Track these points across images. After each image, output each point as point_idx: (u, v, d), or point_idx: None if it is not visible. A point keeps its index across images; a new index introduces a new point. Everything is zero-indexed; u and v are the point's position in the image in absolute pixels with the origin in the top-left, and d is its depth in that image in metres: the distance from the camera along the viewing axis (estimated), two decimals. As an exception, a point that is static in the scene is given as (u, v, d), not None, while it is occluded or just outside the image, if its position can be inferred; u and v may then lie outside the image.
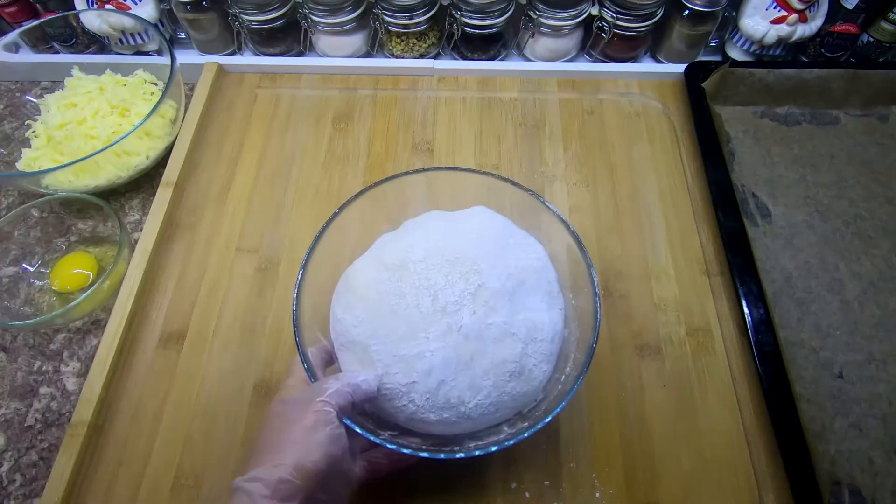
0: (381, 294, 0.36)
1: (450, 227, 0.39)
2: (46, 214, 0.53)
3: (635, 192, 0.54)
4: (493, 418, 0.36)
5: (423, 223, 0.40)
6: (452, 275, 0.36)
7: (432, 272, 0.36)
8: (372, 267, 0.38)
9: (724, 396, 0.44)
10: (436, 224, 0.40)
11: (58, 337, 0.48)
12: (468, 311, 0.35)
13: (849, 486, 0.39)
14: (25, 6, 0.65)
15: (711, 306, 0.48)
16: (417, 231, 0.40)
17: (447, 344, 0.34)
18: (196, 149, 0.58)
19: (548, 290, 0.38)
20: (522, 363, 0.35)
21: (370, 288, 0.36)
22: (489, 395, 0.34)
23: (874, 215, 0.52)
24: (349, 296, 0.37)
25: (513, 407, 0.36)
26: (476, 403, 0.34)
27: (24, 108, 0.61)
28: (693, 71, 0.60)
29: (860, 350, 0.45)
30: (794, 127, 0.59)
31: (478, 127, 0.59)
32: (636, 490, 0.40)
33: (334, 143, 0.58)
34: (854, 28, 0.61)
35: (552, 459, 0.41)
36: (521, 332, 0.35)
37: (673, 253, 0.51)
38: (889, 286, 0.48)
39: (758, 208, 0.53)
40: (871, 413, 0.42)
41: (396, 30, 0.63)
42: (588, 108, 0.61)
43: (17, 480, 0.42)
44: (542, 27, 0.62)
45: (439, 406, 0.34)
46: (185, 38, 0.68)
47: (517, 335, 0.35)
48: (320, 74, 0.64)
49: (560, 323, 0.38)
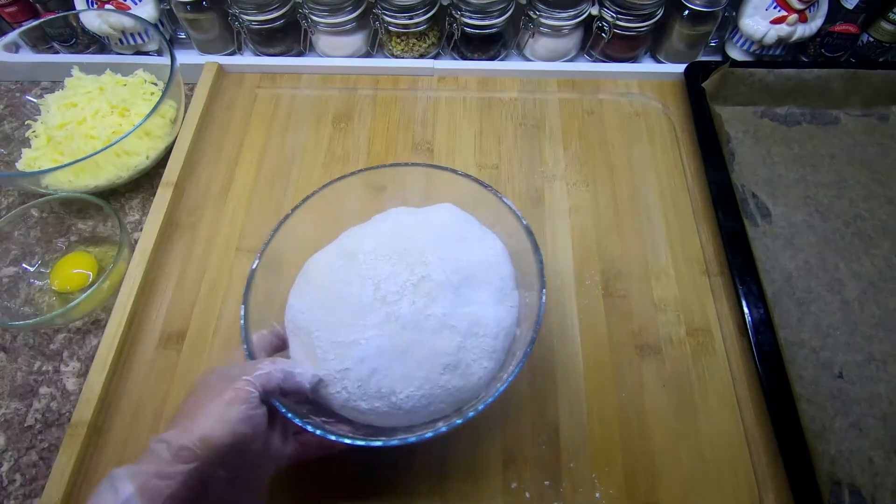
0: (330, 282, 0.36)
1: (409, 221, 0.40)
2: (46, 214, 0.53)
3: (635, 192, 0.54)
4: (427, 412, 0.35)
5: (387, 217, 0.41)
6: (398, 265, 0.36)
7: (379, 262, 0.36)
8: (329, 256, 0.39)
9: (724, 396, 0.44)
10: (396, 218, 0.41)
11: (58, 337, 0.48)
12: (408, 301, 0.34)
13: (849, 485, 0.39)
14: (25, 6, 0.65)
15: (711, 306, 0.48)
16: (378, 224, 0.40)
17: (383, 332, 0.34)
18: (196, 149, 0.58)
19: (499, 287, 0.38)
20: (459, 357, 0.34)
21: (322, 276, 0.37)
22: (421, 387, 0.34)
23: (874, 215, 0.52)
24: (304, 283, 0.38)
25: (448, 402, 0.35)
26: (407, 395, 0.34)
27: (24, 108, 0.61)
28: (693, 71, 0.60)
29: (860, 350, 0.45)
30: (794, 127, 0.59)
31: (478, 127, 0.59)
32: (636, 490, 0.40)
33: (334, 143, 0.58)
34: (854, 28, 0.61)
35: (552, 459, 0.41)
36: (462, 326, 0.35)
37: (673, 253, 0.51)
38: (889, 286, 0.48)
39: (758, 208, 0.53)
40: (871, 413, 0.42)
41: (396, 30, 0.63)
42: (588, 108, 0.61)
43: (17, 480, 0.42)
44: (542, 27, 0.62)
45: (371, 395, 0.34)
46: (185, 38, 0.68)
47: (456, 328, 0.35)
48: (320, 74, 0.64)
49: (508, 320, 0.37)
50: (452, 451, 0.41)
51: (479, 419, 0.42)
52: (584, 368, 0.45)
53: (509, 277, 0.39)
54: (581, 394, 0.44)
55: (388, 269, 0.36)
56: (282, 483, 0.36)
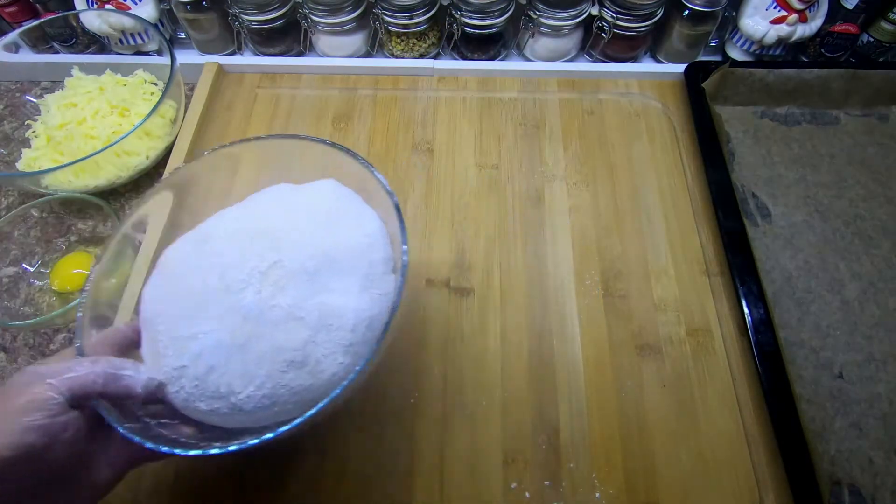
0: (179, 271, 0.33)
1: (282, 199, 0.37)
2: (46, 214, 0.53)
3: (635, 192, 0.54)
4: (271, 414, 0.31)
5: (260, 195, 0.38)
6: (249, 251, 0.32)
7: (230, 247, 0.33)
8: (185, 241, 0.35)
9: (724, 396, 0.44)
10: (268, 196, 0.37)
11: (58, 337, 0.48)
12: (253, 290, 0.31)
13: (849, 485, 0.39)
14: (25, 6, 0.65)
15: (711, 306, 0.48)
16: (247, 204, 0.37)
17: (223, 325, 0.31)
18: (196, 149, 0.58)
19: (366, 273, 0.34)
20: (307, 352, 0.31)
21: (173, 264, 0.34)
22: (262, 387, 0.30)
23: (874, 215, 0.52)
24: (156, 271, 0.35)
25: (295, 402, 0.31)
26: (248, 395, 0.30)
27: (24, 108, 0.61)
28: (693, 71, 0.60)
29: (860, 350, 0.45)
30: (794, 127, 0.59)
31: (478, 127, 0.59)
32: (636, 490, 0.40)
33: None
34: (854, 28, 0.61)
35: (552, 459, 0.41)
36: (311, 318, 0.31)
37: (673, 253, 0.51)
38: (889, 286, 0.48)
39: (758, 208, 0.53)
40: (871, 413, 0.42)
41: (396, 30, 0.63)
42: (588, 108, 0.61)
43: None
44: (542, 27, 0.62)
45: (209, 395, 0.30)
46: (185, 38, 0.68)
47: (305, 320, 0.31)
48: (320, 74, 0.64)
49: (374, 309, 0.33)
50: (452, 452, 0.41)
51: (479, 419, 0.42)
52: (584, 368, 0.45)
53: (381, 262, 0.35)
54: (581, 394, 0.44)
55: (237, 255, 0.32)
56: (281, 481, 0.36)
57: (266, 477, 0.41)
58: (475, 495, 0.40)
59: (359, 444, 0.42)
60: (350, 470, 0.41)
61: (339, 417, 0.43)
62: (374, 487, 0.40)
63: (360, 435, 0.42)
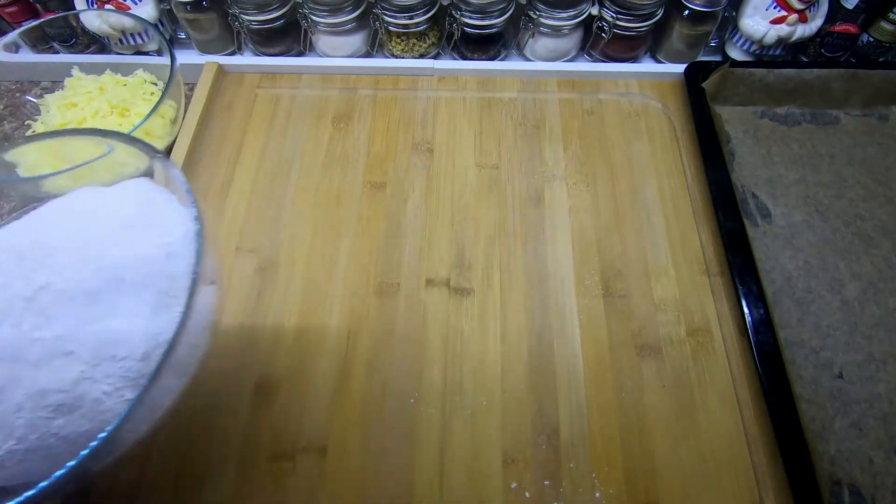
0: None
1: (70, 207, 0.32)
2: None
3: (635, 192, 0.54)
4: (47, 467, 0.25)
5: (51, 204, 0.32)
6: (14, 273, 0.27)
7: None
8: None
9: (724, 396, 0.44)
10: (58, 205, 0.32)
11: None
12: (11, 323, 0.26)
13: (849, 485, 0.39)
14: (25, 6, 0.65)
15: (711, 306, 0.48)
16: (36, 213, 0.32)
17: None
18: (196, 149, 0.58)
19: (163, 289, 0.29)
20: (79, 392, 0.26)
21: None
22: (24, 439, 0.25)
23: (874, 215, 0.52)
24: None
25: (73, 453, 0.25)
26: (9, 450, 0.25)
27: (24, 108, 0.61)
28: (693, 71, 0.60)
29: (860, 350, 0.45)
30: (794, 127, 0.59)
31: (478, 127, 0.59)
32: (636, 490, 0.40)
33: (334, 143, 0.58)
34: (854, 28, 0.61)
35: (552, 459, 0.41)
36: (85, 350, 0.26)
37: (673, 253, 0.51)
38: (889, 286, 0.48)
39: (758, 208, 0.53)
40: (871, 413, 0.42)
41: (396, 30, 0.63)
42: (588, 108, 0.61)
43: (17, 480, 0.42)
44: (542, 27, 0.62)
45: None
46: (185, 38, 0.68)
47: (76, 354, 0.26)
48: (320, 74, 0.64)
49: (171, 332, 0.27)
50: (452, 452, 0.41)
51: (478, 419, 0.42)
52: (584, 368, 0.45)
53: (185, 275, 0.29)
54: (581, 394, 0.44)
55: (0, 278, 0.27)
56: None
57: (266, 477, 0.41)
58: (475, 495, 0.40)
59: (359, 443, 0.42)
60: (350, 469, 0.41)
61: (337, 417, 0.43)
62: (373, 487, 0.40)
63: (360, 435, 0.42)
